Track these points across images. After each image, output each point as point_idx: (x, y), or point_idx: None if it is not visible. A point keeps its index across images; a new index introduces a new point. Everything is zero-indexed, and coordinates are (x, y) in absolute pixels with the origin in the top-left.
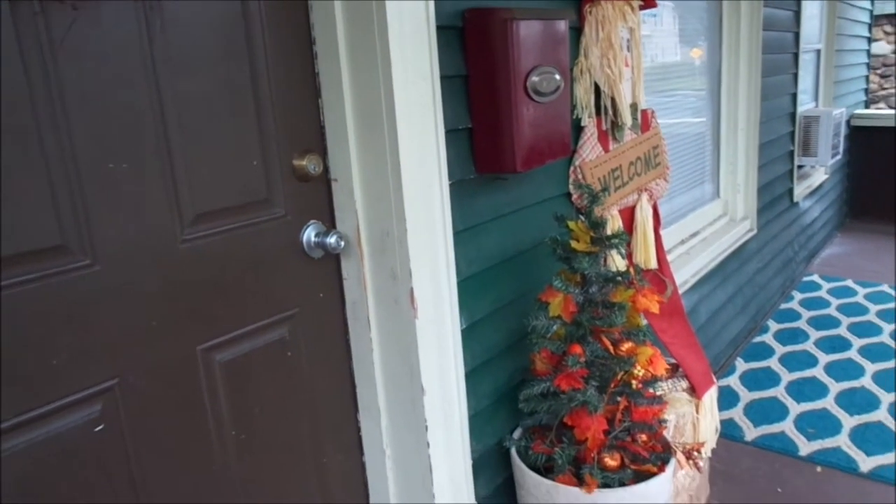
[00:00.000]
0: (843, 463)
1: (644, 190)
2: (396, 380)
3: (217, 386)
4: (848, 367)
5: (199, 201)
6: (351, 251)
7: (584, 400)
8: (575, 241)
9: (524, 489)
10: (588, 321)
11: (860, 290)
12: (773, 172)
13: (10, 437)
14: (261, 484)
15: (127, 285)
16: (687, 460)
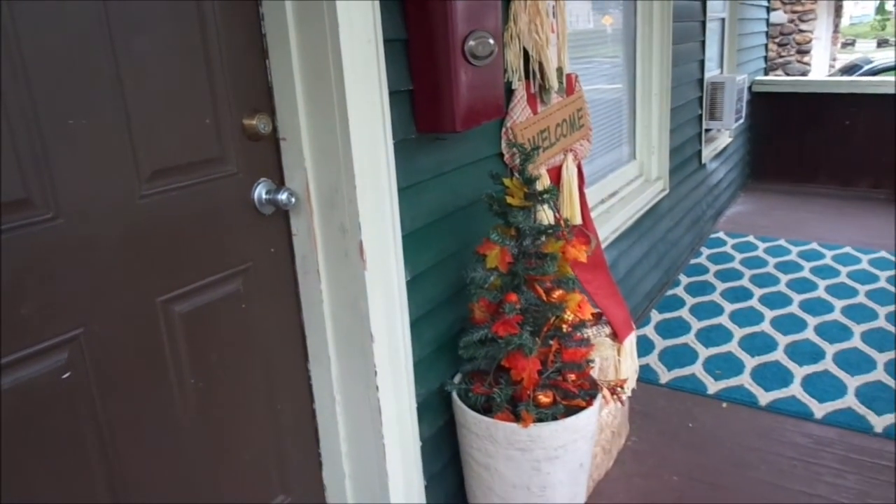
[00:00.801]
0: (746, 398)
1: (569, 150)
2: (346, 329)
3: (177, 336)
4: (750, 315)
5: (156, 158)
6: (300, 207)
7: (519, 343)
8: (510, 197)
9: (465, 428)
10: (523, 271)
11: (760, 245)
12: (683, 135)
13: None
14: (219, 429)
15: (89, 238)
16: (611, 395)
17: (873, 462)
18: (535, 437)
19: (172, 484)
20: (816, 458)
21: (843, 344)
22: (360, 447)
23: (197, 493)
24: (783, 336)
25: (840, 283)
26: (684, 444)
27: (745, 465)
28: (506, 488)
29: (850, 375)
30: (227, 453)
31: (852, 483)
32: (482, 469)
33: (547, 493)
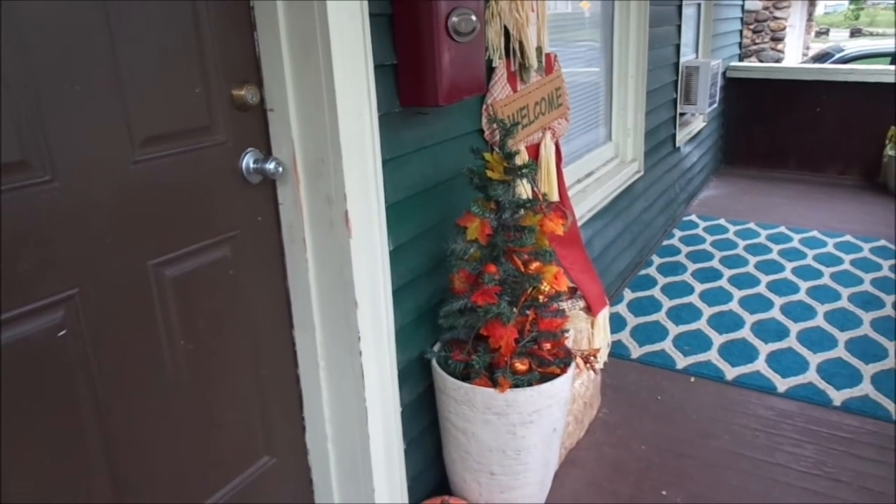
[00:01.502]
0: (713, 373)
1: (548, 128)
2: (331, 296)
3: (167, 299)
4: (719, 294)
5: (148, 125)
6: (287, 177)
7: (498, 312)
8: (490, 171)
9: (444, 394)
10: (502, 243)
11: (731, 228)
12: (658, 118)
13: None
14: (206, 390)
15: (84, 201)
16: (584, 364)
17: (831, 433)
18: (511, 402)
19: (161, 440)
20: (777, 429)
21: (807, 323)
22: (342, 412)
23: (184, 451)
24: (750, 315)
25: (806, 265)
26: (653, 416)
27: (710, 436)
28: (482, 452)
29: (812, 353)
30: (214, 414)
31: (810, 452)
32: (460, 433)
33: (522, 457)
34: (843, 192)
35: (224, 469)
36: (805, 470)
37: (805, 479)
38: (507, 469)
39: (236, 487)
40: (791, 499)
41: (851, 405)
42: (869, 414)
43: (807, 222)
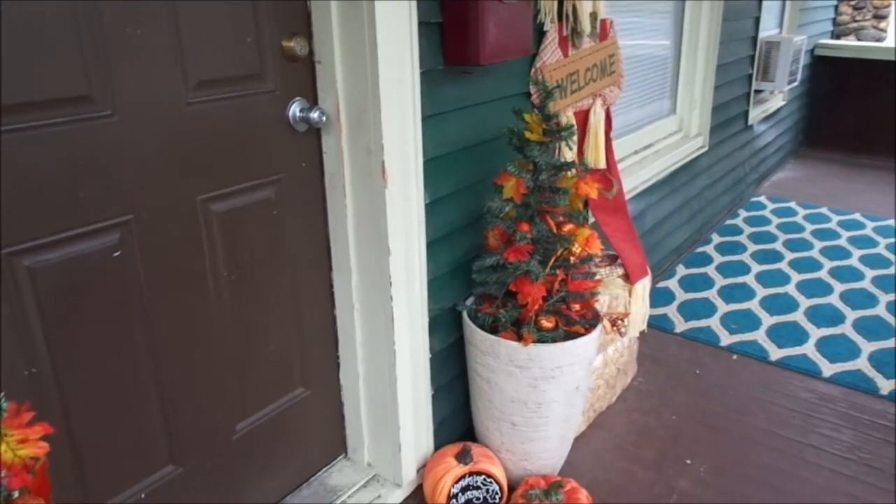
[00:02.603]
0: (757, 353)
1: (598, 95)
2: (367, 242)
3: (213, 232)
4: (776, 277)
5: (202, 69)
6: (331, 127)
7: (527, 270)
8: (529, 132)
9: (472, 345)
10: (536, 203)
11: (801, 211)
12: (729, 93)
13: (49, 251)
14: (247, 321)
15: (141, 137)
16: (612, 327)
17: (872, 420)
18: (533, 356)
19: (202, 360)
20: (816, 412)
21: (867, 311)
22: (373, 353)
23: (224, 373)
24: (806, 299)
25: (876, 253)
26: (689, 389)
27: (744, 412)
28: (505, 402)
29: (866, 341)
30: (254, 343)
31: (847, 437)
32: (484, 383)
33: (542, 410)
34: None
35: (260, 395)
36: (838, 453)
37: (837, 463)
38: (528, 421)
39: (271, 413)
40: (820, 480)
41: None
42: None
43: (885, 211)
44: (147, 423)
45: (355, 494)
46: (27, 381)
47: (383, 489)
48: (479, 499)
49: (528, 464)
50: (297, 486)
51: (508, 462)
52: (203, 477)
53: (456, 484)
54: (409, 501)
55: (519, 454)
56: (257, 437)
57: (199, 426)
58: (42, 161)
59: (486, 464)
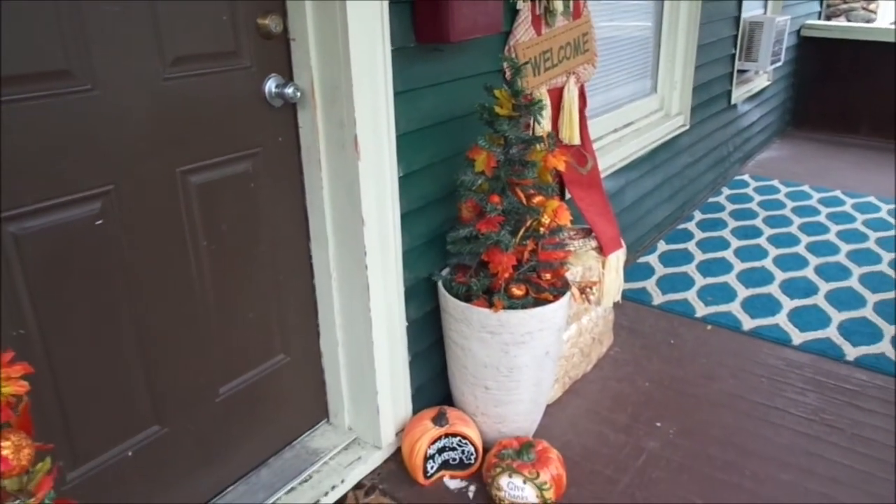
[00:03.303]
0: (731, 323)
1: (572, 73)
2: (342, 213)
3: (192, 203)
4: (754, 252)
5: (179, 45)
6: (306, 102)
7: (497, 240)
8: (499, 108)
9: (447, 312)
10: (505, 175)
11: (783, 189)
12: (711, 73)
13: (33, 218)
14: (227, 290)
15: (120, 110)
16: (580, 294)
17: (836, 384)
18: (504, 322)
19: (185, 326)
20: (784, 377)
21: (839, 283)
22: (351, 320)
23: (205, 338)
24: (782, 272)
25: (853, 229)
26: (662, 357)
27: (715, 378)
28: (478, 367)
29: (837, 311)
30: (234, 310)
31: (811, 400)
32: (459, 349)
33: (514, 374)
34: None
35: (242, 360)
36: (802, 415)
37: (800, 424)
38: (500, 385)
39: (253, 378)
40: (782, 440)
41: (864, 361)
42: (880, 370)
43: (865, 188)
44: (132, 385)
45: (336, 456)
46: (16, 341)
47: (363, 451)
48: (455, 459)
49: (502, 426)
50: (280, 448)
51: (483, 425)
52: (188, 437)
53: (432, 445)
54: (389, 463)
55: (493, 417)
56: (240, 401)
57: (182, 388)
58: (25, 133)
59: (461, 426)
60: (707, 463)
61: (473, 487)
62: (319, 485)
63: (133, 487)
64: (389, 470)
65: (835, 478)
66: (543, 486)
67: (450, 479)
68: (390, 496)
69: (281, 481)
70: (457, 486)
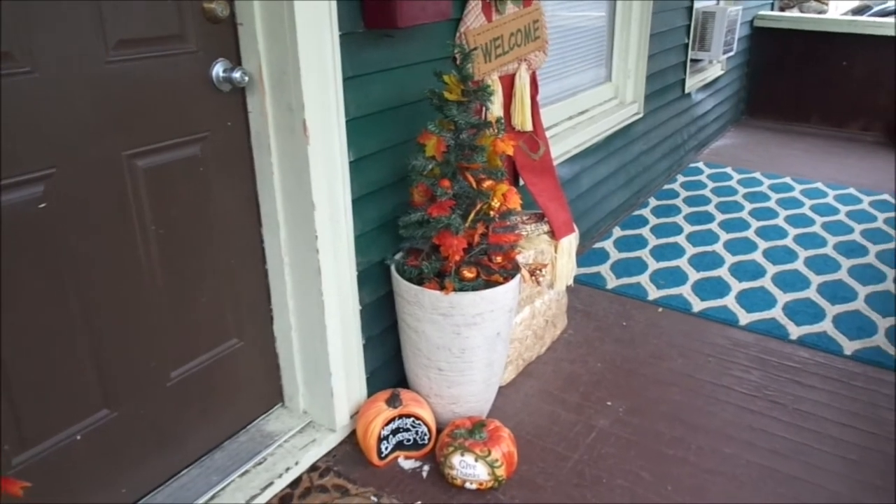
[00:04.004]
0: (681, 305)
1: (523, 60)
2: (292, 198)
3: (140, 187)
4: (706, 236)
5: (122, 28)
6: (254, 87)
7: (448, 223)
8: (448, 93)
9: (399, 296)
10: (455, 160)
11: (735, 176)
12: (665, 62)
13: None
14: (178, 274)
15: (62, 92)
16: (531, 276)
17: (780, 363)
18: (455, 304)
19: (135, 310)
20: (730, 356)
21: (786, 266)
22: (304, 304)
23: (157, 323)
24: (732, 256)
25: (801, 213)
26: (615, 339)
27: (664, 358)
28: (431, 349)
29: (783, 292)
30: (185, 294)
31: (755, 377)
32: (412, 331)
33: (466, 355)
34: (861, 148)
35: (194, 344)
36: (746, 392)
37: (744, 400)
38: (453, 366)
39: (205, 362)
40: (726, 415)
41: (807, 339)
42: (822, 348)
43: (814, 174)
44: (79, 369)
45: (291, 439)
46: None
47: (318, 434)
48: (409, 440)
49: (456, 407)
50: (235, 432)
51: (438, 406)
52: (138, 421)
53: (386, 426)
54: (344, 445)
55: (447, 398)
56: (192, 385)
57: (132, 372)
58: None
59: (414, 407)
60: (655, 439)
61: (427, 467)
62: (273, 467)
63: (83, 471)
64: (344, 452)
65: (775, 450)
66: (495, 464)
67: (404, 460)
68: (345, 477)
69: (235, 464)
70: (411, 467)
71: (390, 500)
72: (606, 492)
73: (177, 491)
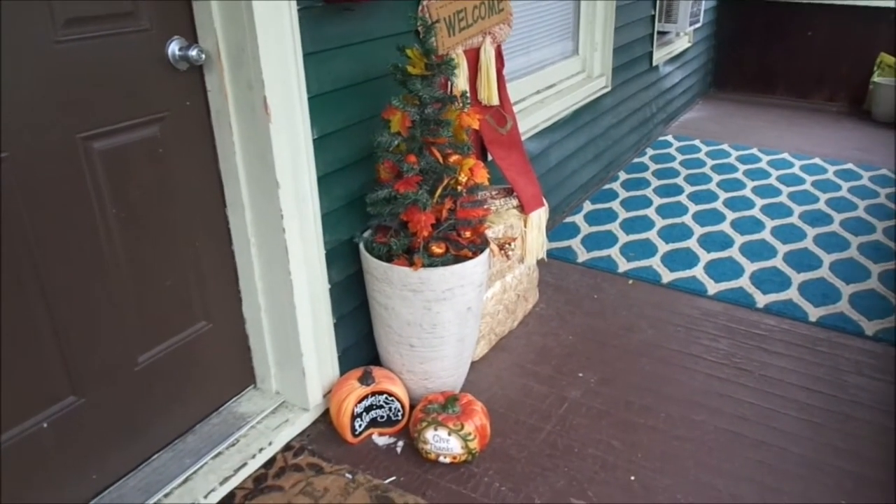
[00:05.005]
0: (651, 277)
1: (488, 33)
2: (256, 177)
3: (97, 169)
4: (675, 208)
5: (69, 7)
6: (212, 65)
7: (415, 199)
8: (411, 67)
9: (369, 273)
10: (420, 135)
11: (704, 148)
12: (632, 35)
13: None
14: (142, 257)
15: (9, 74)
16: (500, 250)
17: (747, 330)
18: (424, 279)
19: (98, 296)
20: (698, 325)
21: (753, 236)
22: (272, 285)
23: (121, 307)
24: (700, 227)
25: (767, 184)
26: (586, 312)
27: (634, 329)
28: (402, 325)
29: (750, 262)
30: (150, 278)
31: (723, 346)
32: (382, 309)
33: (437, 330)
34: (826, 118)
35: (161, 328)
36: (714, 360)
37: (712, 367)
38: (424, 342)
39: (173, 345)
40: (695, 383)
41: (773, 307)
42: (787, 315)
43: (780, 145)
44: (42, 356)
45: (264, 420)
46: None
47: (291, 414)
48: (383, 417)
49: (428, 383)
50: (207, 415)
51: (410, 382)
52: (106, 407)
53: (359, 403)
54: (317, 424)
55: (419, 374)
56: (161, 369)
57: (98, 358)
58: None
59: (387, 384)
60: (625, 408)
61: (401, 443)
62: (247, 448)
63: (51, 458)
64: (318, 431)
65: (742, 415)
66: (468, 437)
67: (378, 437)
68: (319, 456)
69: (208, 447)
70: (385, 443)
71: (365, 476)
72: (578, 461)
73: (149, 475)
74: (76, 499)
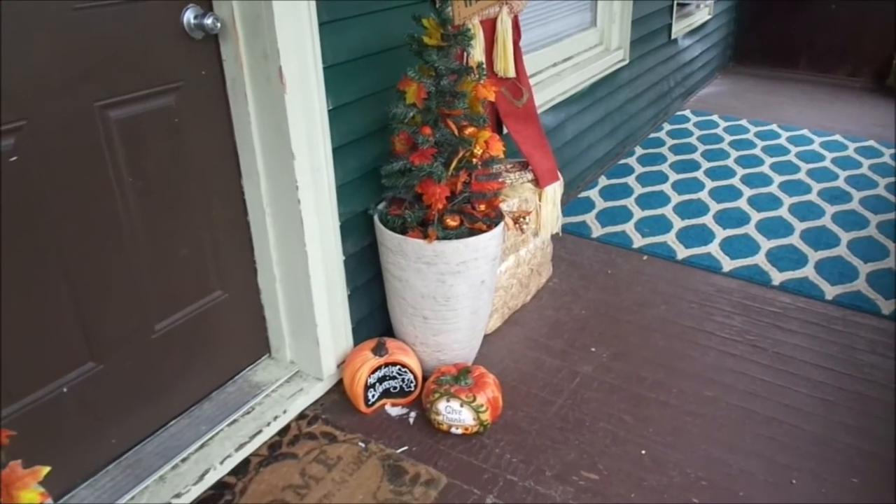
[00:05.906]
0: (666, 253)
1: (505, 3)
2: (271, 148)
3: (113, 138)
4: (692, 184)
5: None
6: (228, 34)
7: (430, 171)
8: (427, 37)
9: (383, 245)
10: (436, 106)
11: (722, 124)
12: (650, 6)
13: None
14: (158, 226)
15: (28, 42)
16: (514, 224)
17: (762, 308)
18: (439, 252)
19: (116, 263)
20: (713, 302)
21: (770, 213)
22: (287, 255)
23: (138, 276)
24: (717, 203)
25: (786, 161)
26: (599, 287)
27: (648, 305)
28: (415, 297)
29: (766, 239)
30: (166, 246)
31: (737, 323)
32: (396, 281)
33: (451, 303)
34: (848, 94)
35: (177, 297)
36: (728, 336)
37: (725, 344)
38: (438, 314)
39: (189, 314)
40: (708, 359)
41: (789, 285)
42: (803, 293)
43: (800, 121)
44: (62, 323)
45: (278, 389)
46: None
47: (305, 383)
48: (396, 388)
49: (441, 355)
50: (222, 383)
51: (423, 354)
52: (124, 373)
53: (372, 374)
54: (331, 394)
55: (432, 346)
56: (177, 337)
57: (116, 325)
58: None
59: (400, 355)
60: (637, 383)
61: (414, 413)
62: (262, 416)
63: (71, 422)
64: (332, 400)
65: (754, 392)
66: (480, 409)
67: (391, 407)
68: (332, 424)
69: (223, 414)
70: (398, 413)
71: (378, 445)
72: (589, 434)
73: (167, 440)
74: (97, 461)
